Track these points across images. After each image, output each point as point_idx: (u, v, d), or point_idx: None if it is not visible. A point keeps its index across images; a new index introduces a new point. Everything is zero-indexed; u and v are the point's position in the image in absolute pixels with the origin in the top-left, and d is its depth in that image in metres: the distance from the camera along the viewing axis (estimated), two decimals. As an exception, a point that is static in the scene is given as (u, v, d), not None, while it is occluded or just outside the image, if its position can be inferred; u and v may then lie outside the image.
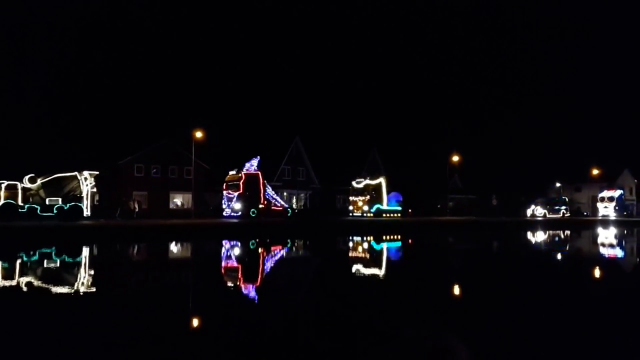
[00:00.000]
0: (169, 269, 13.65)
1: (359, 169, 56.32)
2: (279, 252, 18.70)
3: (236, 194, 35.70)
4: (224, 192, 36.64)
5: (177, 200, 53.18)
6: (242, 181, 35.74)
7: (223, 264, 14.63)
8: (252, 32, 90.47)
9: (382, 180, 39.81)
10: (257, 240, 22.86)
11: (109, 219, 34.53)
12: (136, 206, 44.39)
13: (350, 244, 22.32)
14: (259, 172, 36.83)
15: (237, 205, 35.55)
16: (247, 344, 5.54)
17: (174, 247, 20.18)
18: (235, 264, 14.36)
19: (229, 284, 10.70)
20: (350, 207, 41.12)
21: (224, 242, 21.96)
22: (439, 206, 51.54)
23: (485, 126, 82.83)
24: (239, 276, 11.68)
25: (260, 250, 19.30)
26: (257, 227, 27.31)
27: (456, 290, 9.59)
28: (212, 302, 8.33)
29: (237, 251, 18.74)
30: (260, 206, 36.29)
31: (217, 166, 57.07)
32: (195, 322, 6.82)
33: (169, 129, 54.80)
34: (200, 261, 16.38)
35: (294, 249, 20.47)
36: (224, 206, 36.54)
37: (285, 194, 54.67)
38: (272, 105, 78.57)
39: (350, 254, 18.37)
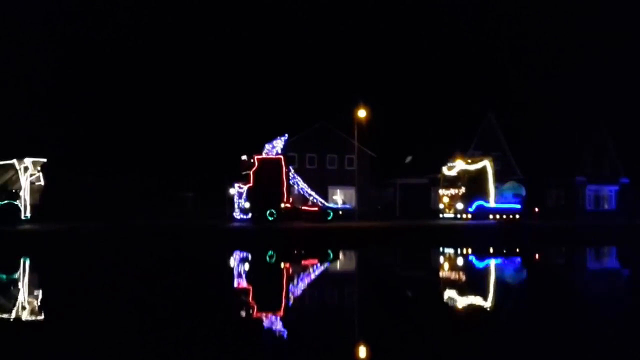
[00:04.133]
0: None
1: (579, 155, 38.45)
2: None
3: (246, 187, 25.50)
4: (235, 185, 26.66)
5: (337, 197, 44.00)
6: (253, 170, 25.26)
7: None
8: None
9: (486, 163, 22.82)
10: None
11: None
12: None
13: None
14: (282, 157, 25.65)
15: (247, 204, 25.39)
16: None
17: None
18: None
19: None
20: (440, 205, 25.26)
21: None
22: None
23: None
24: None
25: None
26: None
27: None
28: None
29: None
30: (283, 205, 25.09)
31: (386, 153, 45.71)
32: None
33: (325, 109, 46.01)
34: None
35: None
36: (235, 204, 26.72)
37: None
38: (454, 78, 55.75)
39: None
